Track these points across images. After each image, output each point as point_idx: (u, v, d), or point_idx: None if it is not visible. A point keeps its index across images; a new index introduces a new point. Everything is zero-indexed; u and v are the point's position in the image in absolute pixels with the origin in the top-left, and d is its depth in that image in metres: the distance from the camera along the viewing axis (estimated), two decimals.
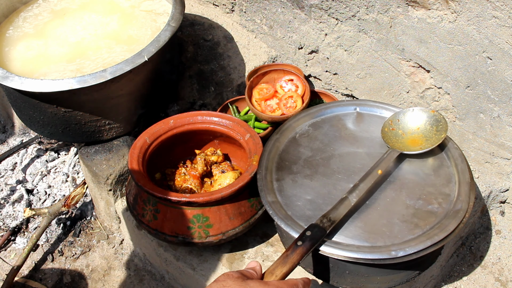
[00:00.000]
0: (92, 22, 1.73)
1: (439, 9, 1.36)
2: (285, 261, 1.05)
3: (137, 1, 1.81)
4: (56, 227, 1.84)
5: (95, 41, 1.66)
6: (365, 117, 1.46)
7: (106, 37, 1.67)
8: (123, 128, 1.65)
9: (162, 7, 1.78)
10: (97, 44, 1.65)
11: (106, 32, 1.69)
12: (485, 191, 1.56)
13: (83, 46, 1.65)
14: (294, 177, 1.31)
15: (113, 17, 1.74)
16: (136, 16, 1.75)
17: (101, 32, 1.69)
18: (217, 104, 1.85)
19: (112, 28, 1.71)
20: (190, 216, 1.32)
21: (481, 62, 1.36)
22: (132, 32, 1.69)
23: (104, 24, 1.72)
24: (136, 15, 1.76)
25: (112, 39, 1.67)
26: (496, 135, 1.47)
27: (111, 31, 1.70)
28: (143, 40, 1.65)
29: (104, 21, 1.73)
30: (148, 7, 1.79)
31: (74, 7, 1.80)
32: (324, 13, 1.64)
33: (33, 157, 2.05)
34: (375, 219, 1.19)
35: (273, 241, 1.50)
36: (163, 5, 1.78)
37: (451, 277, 1.60)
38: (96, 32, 1.69)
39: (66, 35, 1.69)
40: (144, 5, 1.79)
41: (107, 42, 1.65)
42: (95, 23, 1.73)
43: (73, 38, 1.68)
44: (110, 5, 1.80)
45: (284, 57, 1.91)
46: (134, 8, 1.78)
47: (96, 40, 1.66)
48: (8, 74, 1.45)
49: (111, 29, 1.71)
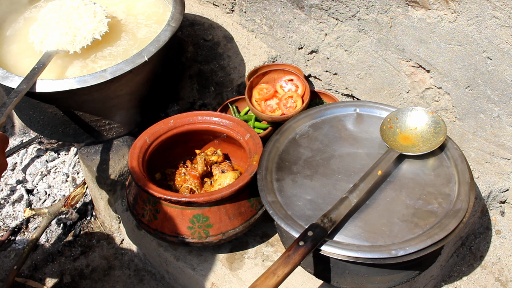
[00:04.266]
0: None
1: (439, 9, 1.36)
2: (287, 261, 1.05)
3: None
4: (56, 227, 1.84)
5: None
6: (365, 118, 1.46)
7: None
8: (123, 128, 1.65)
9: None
10: None
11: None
12: (485, 191, 1.56)
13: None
14: (294, 177, 1.31)
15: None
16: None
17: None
18: (217, 104, 1.85)
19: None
20: (190, 216, 1.32)
21: (481, 62, 1.37)
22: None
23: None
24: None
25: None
26: (496, 135, 1.47)
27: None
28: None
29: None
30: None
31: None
32: (324, 13, 1.64)
33: (33, 157, 2.05)
34: (375, 219, 1.19)
35: (273, 241, 1.50)
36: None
37: (451, 277, 1.60)
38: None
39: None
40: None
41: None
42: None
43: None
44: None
45: (284, 57, 1.91)
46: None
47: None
48: (8, 74, 1.45)
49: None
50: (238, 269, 1.44)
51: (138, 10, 1.76)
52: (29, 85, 1.37)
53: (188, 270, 1.47)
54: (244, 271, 1.43)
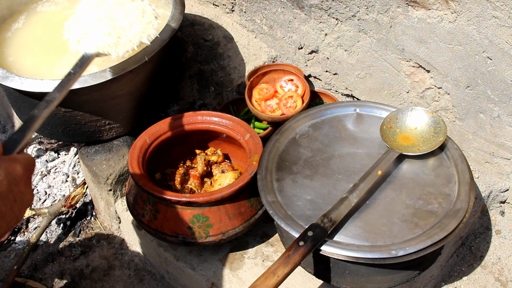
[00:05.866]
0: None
1: (439, 9, 1.36)
2: (287, 261, 1.05)
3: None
4: (56, 227, 1.84)
5: None
6: (365, 118, 1.46)
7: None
8: (123, 128, 1.65)
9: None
10: None
11: None
12: (485, 191, 1.56)
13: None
14: (294, 177, 1.31)
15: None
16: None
17: None
18: (217, 104, 1.85)
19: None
20: (190, 216, 1.32)
21: (481, 62, 1.37)
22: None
23: None
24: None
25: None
26: (496, 135, 1.47)
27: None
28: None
29: None
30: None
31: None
32: (324, 13, 1.64)
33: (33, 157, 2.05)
34: (375, 219, 1.19)
35: (273, 241, 1.50)
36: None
37: (451, 277, 1.60)
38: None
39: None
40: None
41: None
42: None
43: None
44: None
45: (284, 57, 1.91)
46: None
47: None
48: (8, 74, 1.45)
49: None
50: (238, 269, 1.44)
51: None
52: (62, 94, 1.07)
53: (188, 270, 1.47)
54: (244, 271, 1.43)
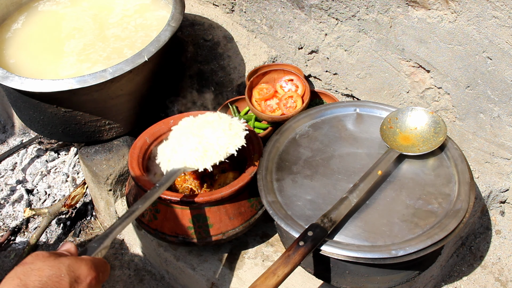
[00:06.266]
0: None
1: (439, 9, 1.36)
2: (287, 261, 1.05)
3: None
4: (56, 227, 1.84)
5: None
6: (365, 118, 1.46)
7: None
8: (123, 128, 1.65)
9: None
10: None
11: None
12: (485, 191, 1.56)
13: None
14: (294, 177, 1.31)
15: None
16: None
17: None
18: (217, 104, 1.85)
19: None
20: (190, 216, 1.32)
21: (481, 62, 1.37)
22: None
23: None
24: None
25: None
26: (496, 135, 1.47)
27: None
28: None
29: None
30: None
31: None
32: (324, 13, 1.64)
33: (33, 157, 2.05)
34: (375, 219, 1.19)
35: (273, 241, 1.50)
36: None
37: (451, 277, 1.60)
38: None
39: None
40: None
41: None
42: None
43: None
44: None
45: (284, 57, 1.91)
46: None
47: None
48: (8, 74, 1.45)
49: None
50: (238, 269, 1.44)
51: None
52: (145, 205, 1.11)
53: (188, 270, 1.47)
54: (244, 271, 1.43)
